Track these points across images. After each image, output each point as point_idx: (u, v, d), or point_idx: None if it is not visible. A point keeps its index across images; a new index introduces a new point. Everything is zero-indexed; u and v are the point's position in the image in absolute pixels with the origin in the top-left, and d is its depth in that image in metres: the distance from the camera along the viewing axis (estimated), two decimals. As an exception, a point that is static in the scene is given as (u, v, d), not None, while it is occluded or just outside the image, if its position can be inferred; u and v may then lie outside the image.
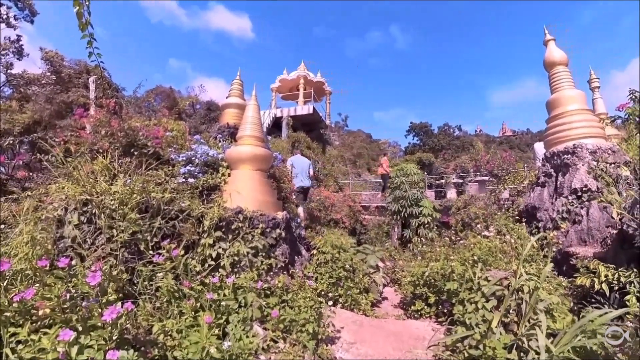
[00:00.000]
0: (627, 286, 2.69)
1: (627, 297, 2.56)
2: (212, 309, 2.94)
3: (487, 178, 10.53)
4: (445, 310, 3.73)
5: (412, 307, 4.19)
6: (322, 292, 4.17)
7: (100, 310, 2.14)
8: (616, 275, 2.84)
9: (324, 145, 19.71)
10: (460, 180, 11.59)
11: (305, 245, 5.73)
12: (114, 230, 3.07)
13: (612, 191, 4.18)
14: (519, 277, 2.59)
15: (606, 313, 2.08)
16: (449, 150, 23.97)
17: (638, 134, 5.34)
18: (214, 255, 3.65)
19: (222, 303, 3.00)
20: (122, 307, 2.10)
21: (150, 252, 3.26)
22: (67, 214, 3.14)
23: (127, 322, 2.35)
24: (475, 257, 3.55)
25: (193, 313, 2.87)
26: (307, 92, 20.89)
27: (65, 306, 2.07)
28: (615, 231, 3.75)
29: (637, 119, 6.08)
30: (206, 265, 3.55)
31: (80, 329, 1.99)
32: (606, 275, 2.91)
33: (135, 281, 3.08)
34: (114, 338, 2.04)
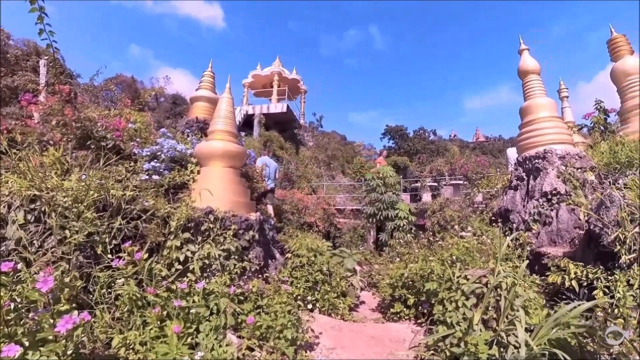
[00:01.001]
0: (595, 282, 2.97)
1: (595, 292, 2.84)
2: (180, 318, 2.82)
3: (461, 182, 11.07)
4: (424, 311, 3.86)
5: (391, 310, 4.30)
6: (299, 297, 4.16)
7: (52, 321, 1.99)
8: (584, 272, 3.13)
9: (297, 145, 19.71)
10: (436, 184, 12.09)
11: (279, 249, 5.69)
12: (67, 231, 2.86)
13: (579, 194, 4.56)
14: (497, 275, 2.75)
15: (578, 305, 2.28)
16: (424, 154, 24.91)
17: (602, 141, 5.88)
18: (181, 258, 3.52)
19: (191, 310, 2.89)
20: (77, 317, 1.97)
21: (109, 255, 3.08)
22: (10, 211, 2.88)
23: (83, 334, 2.20)
24: (454, 257, 3.72)
25: (159, 323, 2.74)
26: (282, 90, 20.82)
27: (9, 317, 1.90)
28: (582, 232, 4.09)
29: (602, 127, 6.72)
30: (173, 269, 3.42)
31: (27, 343, 1.83)
32: (575, 273, 3.18)
33: (91, 289, 2.89)
34: (69, 353, 1.91)
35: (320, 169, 19.37)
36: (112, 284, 2.94)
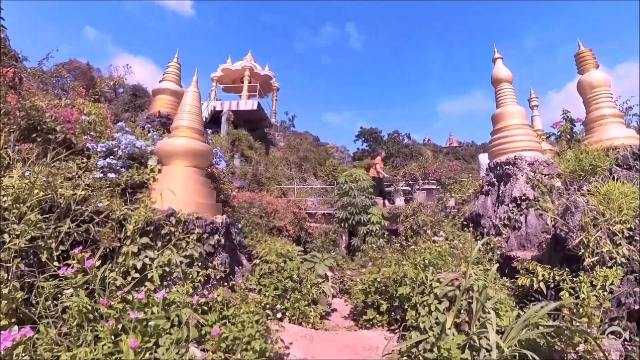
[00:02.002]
0: (561, 283, 3.21)
1: (562, 293, 3.06)
2: (137, 331, 2.69)
3: (434, 186, 11.49)
4: (397, 317, 3.95)
5: (364, 317, 4.36)
6: (268, 306, 4.10)
7: (-14, 337, 1.84)
8: (551, 275, 3.37)
9: (267, 145, 19.54)
10: (409, 188, 12.45)
11: (247, 254, 5.60)
12: (6, 235, 2.66)
13: (546, 200, 4.90)
14: (469, 277, 2.88)
15: (546, 305, 2.45)
16: (398, 157, 25.59)
17: (569, 149, 6.37)
18: (138, 266, 3.37)
19: (150, 323, 2.76)
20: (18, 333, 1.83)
21: (56, 263, 2.89)
22: None
23: (25, 353, 2.04)
24: (427, 261, 3.85)
25: (113, 337, 2.60)
26: (253, 86, 20.54)
27: None
28: (549, 236, 4.39)
29: (568, 136, 7.27)
30: (129, 278, 3.26)
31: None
32: (543, 275, 3.42)
33: (35, 301, 2.70)
34: (8, 373, 1.77)
35: (291, 171, 19.32)
36: (59, 295, 2.76)
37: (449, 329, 2.85)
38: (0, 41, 3.95)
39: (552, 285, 3.36)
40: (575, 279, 3.13)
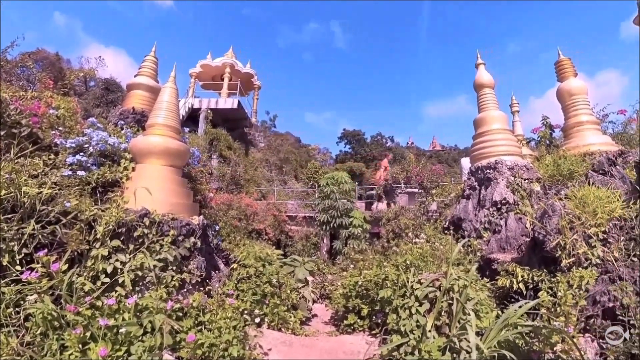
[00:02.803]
0: (540, 284, 3.38)
1: (540, 293, 3.22)
2: (107, 339, 2.63)
3: (417, 190, 11.72)
4: (379, 321, 4.00)
5: (345, 322, 4.39)
6: (246, 311, 4.07)
7: None
8: (530, 276, 3.54)
9: (247, 146, 19.35)
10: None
11: (224, 258, 5.54)
12: (-41, 236, 2.54)
13: (526, 204, 5.10)
14: (450, 277, 2.97)
15: (525, 304, 2.57)
16: (381, 160, 25.91)
17: (548, 154, 6.67)
18: (109, 270, 3.29)
19: (121, 330, 2.71)
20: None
21: (18, 267, 2.78)
22: None
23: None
24: (408, 262, 3.93)
25: (80, 346, 2.53)
26: (233, 84, 20.30)
27: None
28: (528, 239, 4.58)
29: (547, 142, 7.62)
30: (99, 283, 3.18)
31: None
32: (522, 276, 3.58)
33: None
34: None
35: (272, 173, 19.23)
36: (22, 302, 2.66)
37: (430, 331, 2.93)
38: None
39: (531, 286, 3.52)
40: (553, 279, 3.30)
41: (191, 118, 17.28)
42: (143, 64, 7.60)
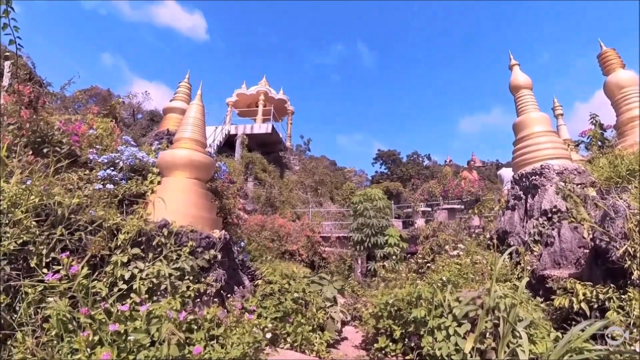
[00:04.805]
0: (606, 302, 2.75)
1: (608, 314, 2.60)
2: (114, 345, 2.50)
3: (457, 205, 10.97)
4: (412, 345, 3.53)
5: (375, 346, 3.95)
6: (266, 329, 3.79)
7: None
8: (594, 293, 2.91)
9: (282, 169, 19.57)
10: (429, 209, 11.96)
11: (250, 275, 5.34)
12: (-3, 237, 2.60)
13: (581, 211, 4.43)
14: (494, 294, 2.51)
15: (590, 325, 2.06)
16: (418, 180, 25.03)
17: (601, 156, 5.89)
18: (127, 276, 3.22)
19: (129, 337, 2.57)
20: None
21: (45, 270, 2.81)
22: None
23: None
24: (444, 279, 3.46)
25: (89, 350, 2.41)
26: (267, 110, 20.97)
27: None
28: (587, 250, 3.92)
29: (599, 142, 6.79)
30: (116, 289, 3.11)
31: None
32: (584, 294, 2.96)
33: (18, 307, 2.60)
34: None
35: (307, 195, 19.15)
36: (43, 303, 2.64)
37: (471, 356, 2.48)
38: (17, 59, 4.18)
39: (595, 306, 2.89)
40: (623, 296, 2.68)
41: (228, 144, 17.88)
42: (177, 90, 8.00)
